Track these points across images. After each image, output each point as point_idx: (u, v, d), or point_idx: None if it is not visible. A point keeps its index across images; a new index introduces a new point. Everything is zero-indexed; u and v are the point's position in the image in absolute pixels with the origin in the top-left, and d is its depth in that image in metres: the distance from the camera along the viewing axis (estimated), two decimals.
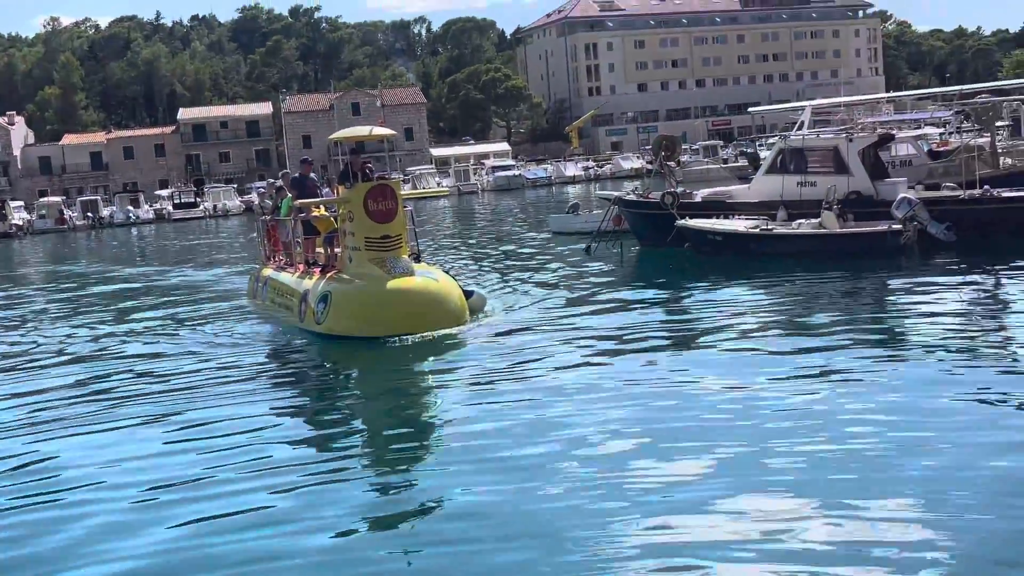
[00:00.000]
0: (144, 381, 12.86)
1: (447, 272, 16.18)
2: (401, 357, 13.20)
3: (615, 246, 24.31)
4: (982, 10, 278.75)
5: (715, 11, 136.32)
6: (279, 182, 19.23)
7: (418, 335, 13.77)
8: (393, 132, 17.81)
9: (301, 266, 16.74)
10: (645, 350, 12.28)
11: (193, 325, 17.82)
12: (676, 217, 21.88)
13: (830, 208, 19.80)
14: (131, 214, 77.92)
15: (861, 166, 21.12)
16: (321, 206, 16.64)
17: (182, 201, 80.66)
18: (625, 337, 13.25)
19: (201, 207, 79.24)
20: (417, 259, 15.52)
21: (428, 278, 14.64)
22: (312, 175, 17.81)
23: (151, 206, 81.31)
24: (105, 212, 78.93)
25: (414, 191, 20.25)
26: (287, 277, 16.93)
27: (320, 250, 16.53)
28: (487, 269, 23.57)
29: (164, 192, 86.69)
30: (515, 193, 76.54)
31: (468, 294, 15.27)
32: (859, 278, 17.12)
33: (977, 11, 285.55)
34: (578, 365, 11.58)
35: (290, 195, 17.22)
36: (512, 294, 18.37)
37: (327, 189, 18.56)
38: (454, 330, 14.04)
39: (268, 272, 18.16)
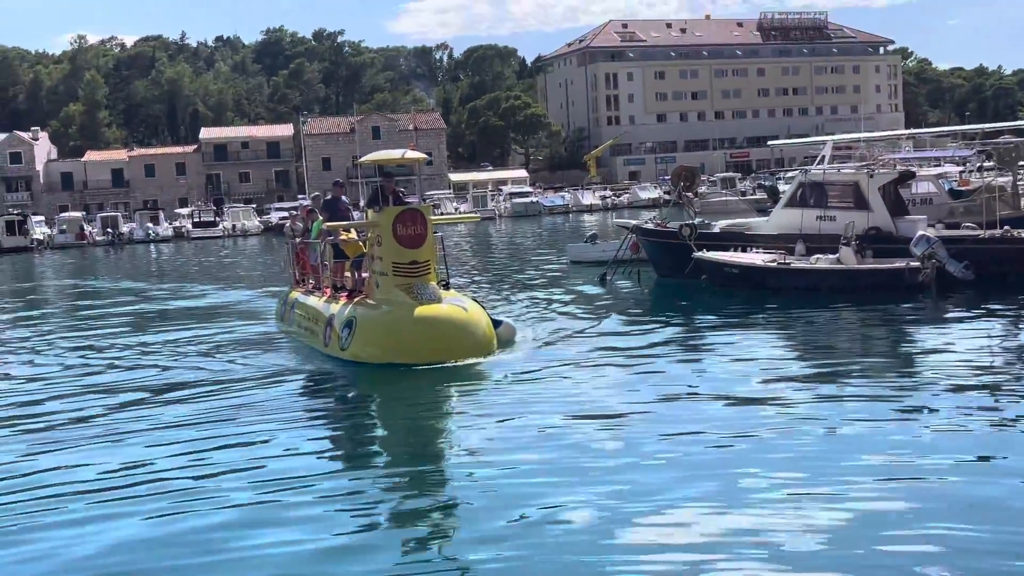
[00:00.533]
0: (164, 406, 12.53)
1: (476, 300, 15.81)
2: (425, 386, 12.88)
3: (632, 275, 24.36)
4: (1003, 50, 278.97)
5: (736, 44, 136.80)
6: (310, 204, 18.99)
7: (443, 364, 13.52)
8: (426, 156, 17.42)
9: (328, 290, 16.45)
10: (664, 385, 12.17)
11: (217, 346, 17.56)
12: (693, 249, 21.94)
13: (848, 243, 19.83)
14: (150, 231, 78.45)
15: (881, 202, 21.15)
16: (351, 230, 16.41)
17: (201, 220, 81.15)
18: (645, 370, 13.22)
19: (220, 226, 79.69)
20: (446, 286, 15.28)
21: (456, 306, 14.33)
22: (344, 198, 17.48)
23: (170, 224, 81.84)
24: (125, 229, 79.51)
25: (444, 216, 19.60)
26: (314, 301, 16.73)
27: (348, 275, 16.27)
28: (505, 296, 23.62)
29: (184, 210, 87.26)
30: (532, 220, 76.69)
31: (497, 323, 15.00)
32: (876, 314, 17.13)
33: (998, 50, 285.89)
34: (600, 399, 11.47)
35: (320, 218, 17.01)
36: (533, 323, 18.13)
37: (358, 212, 18.51)
38: (480, 360, 13.77)
39: (296, 295, 18.00)
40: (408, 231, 14.39)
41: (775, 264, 20.51)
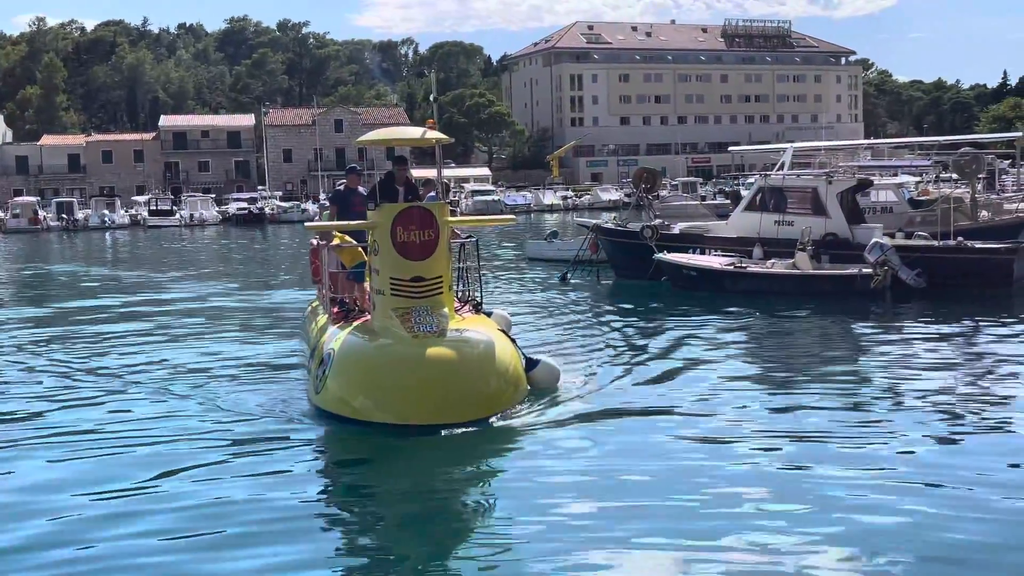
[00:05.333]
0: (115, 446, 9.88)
1: (505, 332, 11.71)
2: (417, 451, 9.45)
3: (591, 274, 24.44)
4: (961, 65, 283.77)
5: (700, 49, 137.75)
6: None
7: (444, 426, 9.72)
8: (450, 139, 12.88)
9: (335, 308, 12.51)
10: (620, 390, 12.01)
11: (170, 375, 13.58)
12: (655, 250, 22.05)
13: (804, 249, 20.05)
14: (106, 218, 77.52)
15: (839, 209, 21.38)
16: (347, 232, 12.45)
17: (158, 208, 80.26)
18: (601, 373, 12.82)
19: (177, 215, 78.91)
20: (477, 308, 12.18)
21: (466, 342, 10.50)
22: (361, 188, 13.29)
23: (127, 211, 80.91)
24: (80, 215, 78.48)
25: (469, 218, 14.14)
26: (319, 320, 13.23)
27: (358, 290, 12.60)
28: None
29: (141, 198, 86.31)
30: (472, 216, 76.50)
31: (532, 364, 11.36)
32: (828, 319, 17.34)
33: (957, 65, 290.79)
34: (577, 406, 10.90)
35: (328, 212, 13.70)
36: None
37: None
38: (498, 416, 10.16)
39: (311, 307, 14.83)
40: (411, 236, 10.74)
41: (732, 267, 20.68)
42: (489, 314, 12.68)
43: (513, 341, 11.45)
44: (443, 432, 9.61)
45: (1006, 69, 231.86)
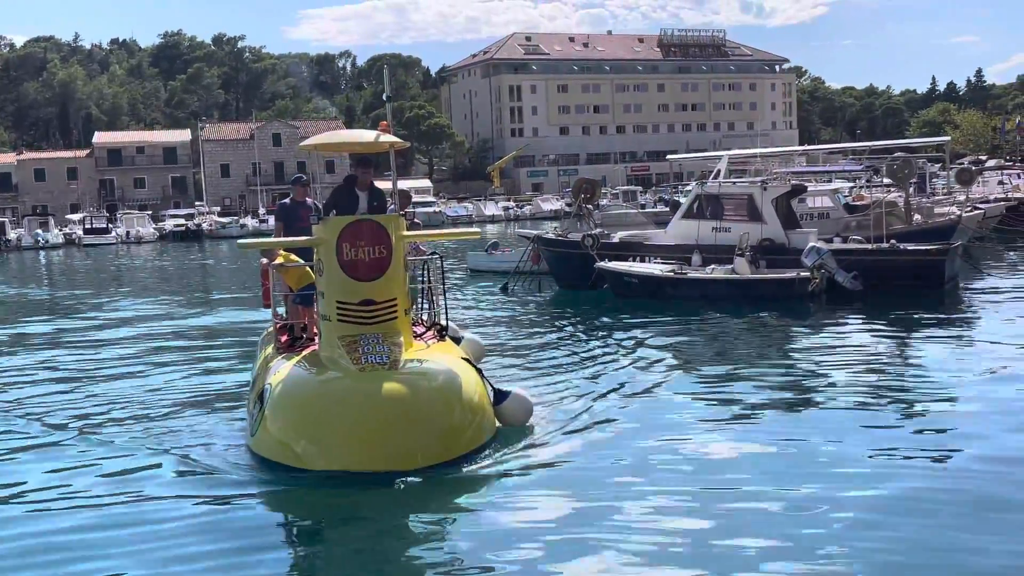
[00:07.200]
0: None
1: (470, 361, 10.31)
2: (368, 504, 8.23)
3: (532, 284, 24.51)
4: (892, 70, 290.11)
5: (637, 59, 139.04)
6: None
7: (398, 472, 8.49)
8: (406, 143, 11.37)
9: (284, 335, 10.96)
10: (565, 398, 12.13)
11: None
12: (595, 258, 22.20)
13: (742, 254, 20.34)
14: (40, 237, 75.96)
15: (774, 215, 21.72)
16: (292, 249, 10.96)
17: (93, 226, 78.90)
18: (568, 399, 11.84)
19: (113, 233, 77.68)
20: (441, 334, 10.76)
21: (423, 374, 9.21)
22: (309, 201, 11.93)
23: (61, 230, 79.47)
24: (12, 235, 76.79)
25: (431, 232, 11.66)
26: (266, 349, 11.50)
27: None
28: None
29: (75, 216, 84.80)
30: (434, 230, 76.35)
31: (502, 396, 10.03)
32: (767, 322, 17.61)
33: (887, 71, 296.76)
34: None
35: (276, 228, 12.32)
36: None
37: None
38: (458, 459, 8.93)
39: (266, 334, 12.63)
40: (360, 254, 9.46)
41: (672, 274, 20.90)
42: (458, 340, 11.62)
43: (479, 371, 10.10)
44: (398, 482, 8.30)
45: (934, 75, 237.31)
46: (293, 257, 10.87)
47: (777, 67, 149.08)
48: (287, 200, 12.36)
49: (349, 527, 7.78)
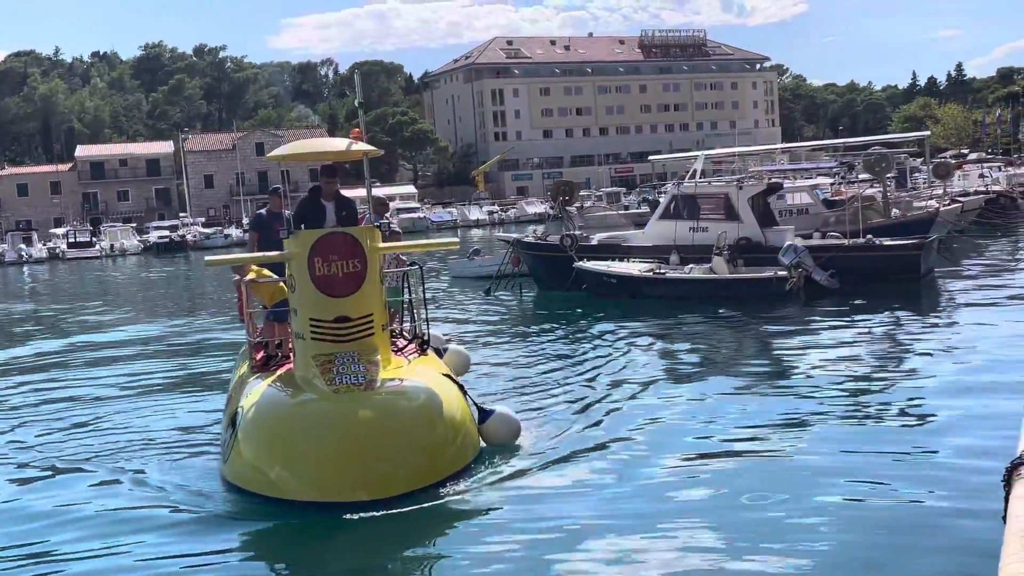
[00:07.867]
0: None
1: (451, 377, 9.90)
2: (347, 535, 7.79)
3: (514, 288, 24.57)
4: (873, 67, 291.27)
5: (618, 61, 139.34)
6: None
7: (376, 501, 8.01)
8: (380, 151, 10.93)
9: (259, 354, 10.31)
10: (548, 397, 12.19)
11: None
12: (575, 259, 22.25)
13: (720, 253, 20.42)
14: (23, 252, 75.74)
15: (751, 213, 21.81)
16: (264, 264, 10.33)
17: (77, 240, 78.68)
18: (554, 413, 11.25)
19: (97, 247, 77.48)
20: (423, 348, 10.23)
21: (401, 394, 8.88)
22: (286, 212, 10.23)
23: (44, 244, 79.25)
24: None
25: (409, 243, 11.35)
26: (241, 369, 10.88)
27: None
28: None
29: (59, 231, 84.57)
30: (420, 236, 76.45)
31: (485, 415, 9.57)
32: (745, 321, 17.66)
33: (868, 68, 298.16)
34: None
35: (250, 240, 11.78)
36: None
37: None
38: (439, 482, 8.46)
39: (243, 351, 11.87)
40: (332, 269, 8.98)
41: (651, 274, 20.99)
42: (442, 352, 11.26)
43: (462, 388, 9.59)
44: (377, 508, 7.83)
45: (915, 70, 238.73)
46: (266, 272, 10.29)
47: (758, 65, 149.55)
48: (263, 211, 11.78)
49: (327, 560, 7.37)
